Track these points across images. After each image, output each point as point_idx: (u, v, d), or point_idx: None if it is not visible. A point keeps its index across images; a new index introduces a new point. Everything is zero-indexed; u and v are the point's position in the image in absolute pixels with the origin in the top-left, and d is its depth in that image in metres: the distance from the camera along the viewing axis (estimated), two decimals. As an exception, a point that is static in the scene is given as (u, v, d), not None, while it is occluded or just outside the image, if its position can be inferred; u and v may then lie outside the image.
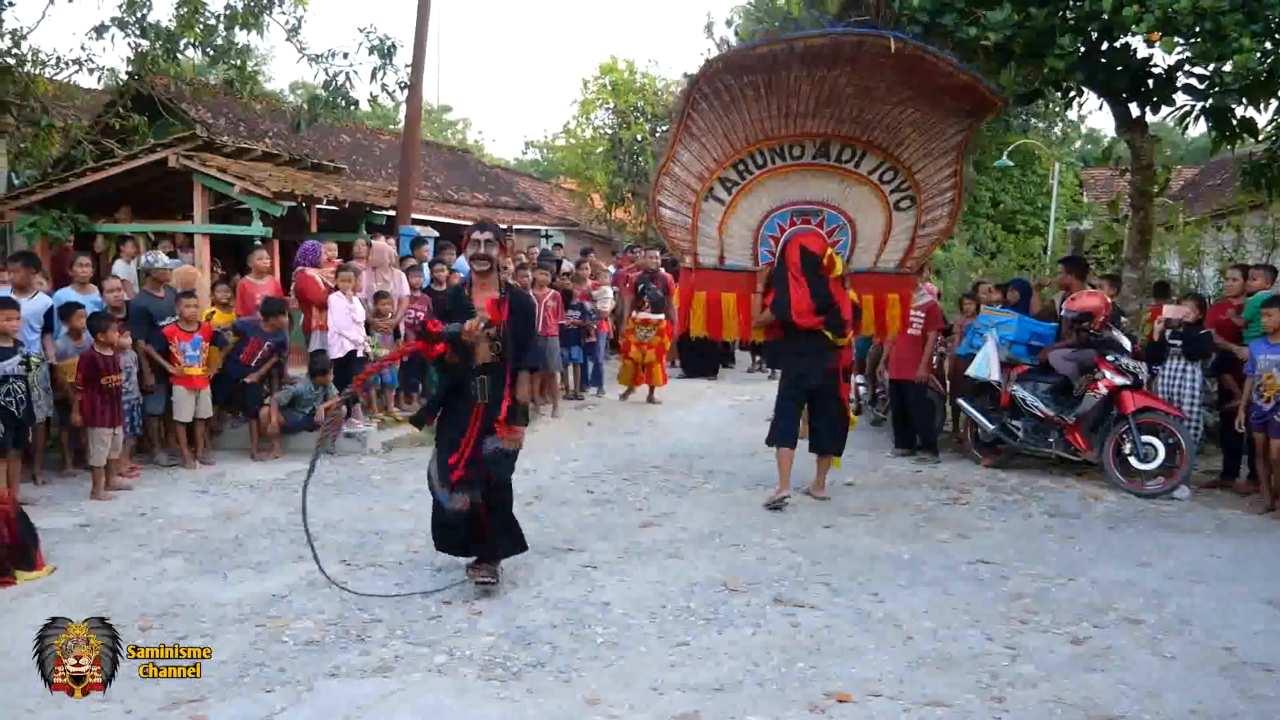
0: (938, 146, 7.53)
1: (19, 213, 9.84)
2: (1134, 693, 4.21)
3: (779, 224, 7.63)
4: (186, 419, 8.34)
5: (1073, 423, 8.14)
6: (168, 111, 13.93)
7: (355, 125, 21.19)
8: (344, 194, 11.47)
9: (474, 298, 5.38)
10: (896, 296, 8.05)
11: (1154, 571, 5.83)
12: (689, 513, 7.05)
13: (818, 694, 4.17)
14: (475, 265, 5.41)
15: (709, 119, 7.17)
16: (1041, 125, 27.38)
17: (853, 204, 7.68)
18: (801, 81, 6.95)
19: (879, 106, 7.22)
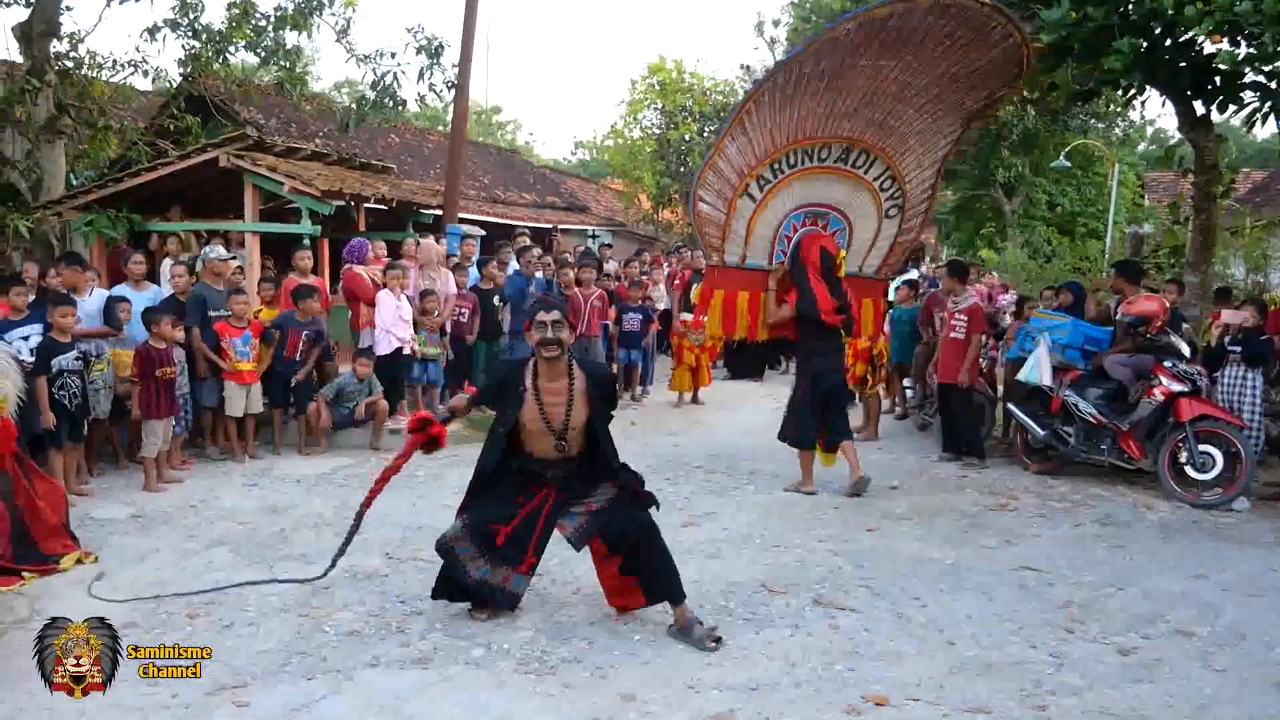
0: (928, 158, 7.91)
1: (77, 212, 10.05)
2: (1183, 705, 4.11)
3: (793, 224, 7.77)
4: (238, 414, 8.46)
5: (1126, 430, 7.95)
6: (220, 112, 14.21)
7: (404, 125, 21.44)
8: (392, 193, 11.56)
9: (539, 382, 4.72)
10: (871, 301, 8.38)
11: (1208, 584, 5.69)
12: (731, 514, 7.01)
13: (855, 697, 4.13)
14: (544, 352, 4.66)
15: (765, 112, 7.23)
16: (1101, 125, 26.87)
17: (855, 209, 7.95)
18: (861, 74, 7.13)
19: (904, 109, 7.49)
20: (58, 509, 5.93)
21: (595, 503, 4.78)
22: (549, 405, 4.68)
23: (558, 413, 4.68)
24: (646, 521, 4.75)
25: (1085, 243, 22.89)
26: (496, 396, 4.89)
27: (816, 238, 7.65)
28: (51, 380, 6.88)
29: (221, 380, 8.38)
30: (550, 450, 4.76)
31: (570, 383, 4.71)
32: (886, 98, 7.38)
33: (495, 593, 4.82)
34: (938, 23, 6.88)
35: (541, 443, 4.75)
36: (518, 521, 4.77)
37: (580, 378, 4.75)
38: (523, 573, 4.84)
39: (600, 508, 4.76)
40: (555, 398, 4.69)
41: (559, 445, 4.73)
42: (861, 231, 8.05)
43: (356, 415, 8.97)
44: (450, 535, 4.82)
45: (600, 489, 4.82)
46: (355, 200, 10.94)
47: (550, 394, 4.69)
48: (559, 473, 4.82)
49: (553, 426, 4.69)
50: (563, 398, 4.69)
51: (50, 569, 5.58)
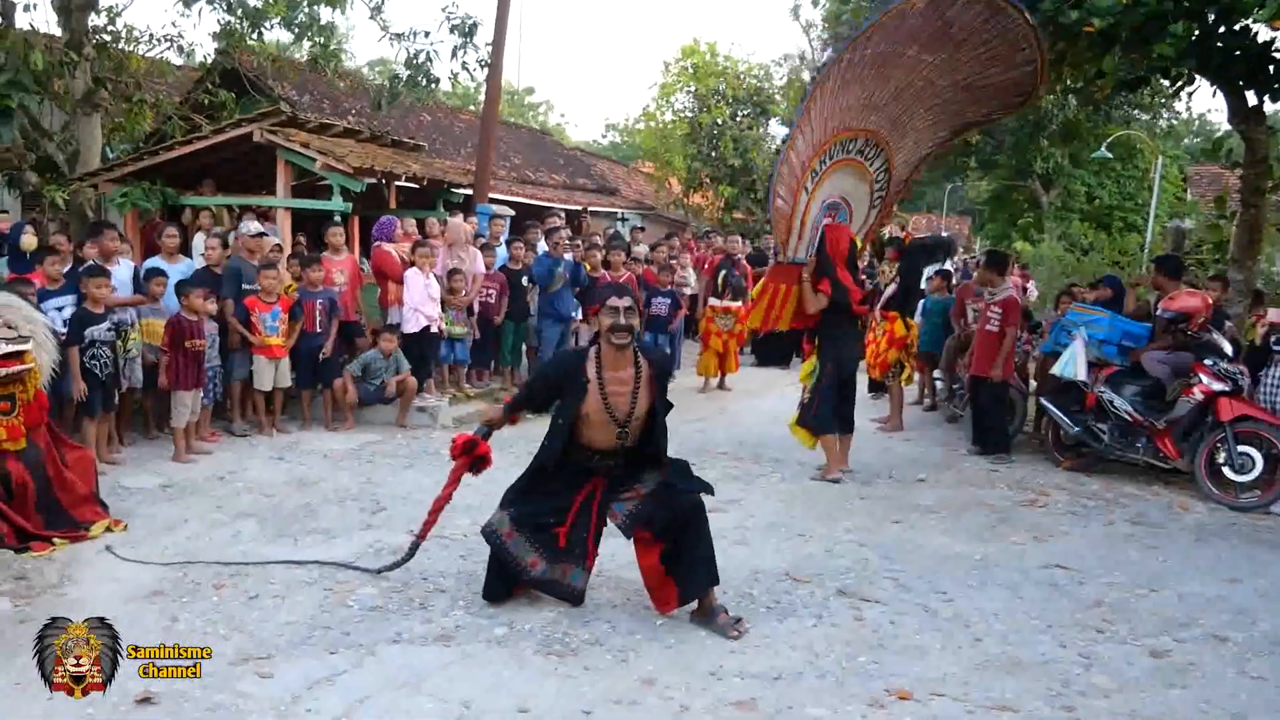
0: (914, 156, 8.04)
1: (112, 185, 10.12)
2: (1217, 712, 4.02)
3: (822, 216, 7.74)
4: (267, 387, 8.50)
5: (1163, 428, 7.79)
6: (254, 88, 14.25)
7: (436, 104, 21.43)
8: (423, 171, 11.55)
9: (604, 372, 4.60)
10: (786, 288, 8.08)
11: (1244, 588, 5.56)
12: (756, 501, 6.96)
13: (879, 690, 4.08)
14: (614, 339, 4.53)
15: (826, 99, 7.18)
16: (1145, 117, 26.41)
17: (856, 199, 7.97)
18: (903, 66, 7.19)
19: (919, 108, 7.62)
20: (88, 478, 5.98)
21: (644, 487, 4.70)
22: (613, 395, 4.55)
23: (622, 402, 4.56)
24: (697, 502, 4.66)
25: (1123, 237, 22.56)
26: (555, 390, 4.73)
27: (839, 229, 7.66)
28: (83, 350, 6.93)
29: (250, 354, 8.41)
30: (610, 440, 4.64)
31: (636, 371, 4.60)
32: (911, 94, 7.46)
33: (556, 588, 4.76)
34: (984, 26, 7.00)
35: (601, 433, 4.62)
36: (573, 518, 4.69)
37: (645, 366, 4.64)
38: (587, 568, 4.78)
39: (650, 491, 4.68)
40: (620, 387, 4.57)
41: (621, 435, 4.62)
42: (856, 221, 8.06)
43: (387, 393, 8.98)
44: (501, 530, 4.74)
45: (647, 474, 4.74)
46: (386, 178, 10.94)
47: (615, 383, 4.57)
48: (610, 463, 4.72)
49: (616, 417, 4.57)
50: (628, 387, 4.57)
51: (80, 536, 5.64)
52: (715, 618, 4.61)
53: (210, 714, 3.68)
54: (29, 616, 4.50)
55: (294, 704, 3.79)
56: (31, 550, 5.37)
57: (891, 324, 9.78)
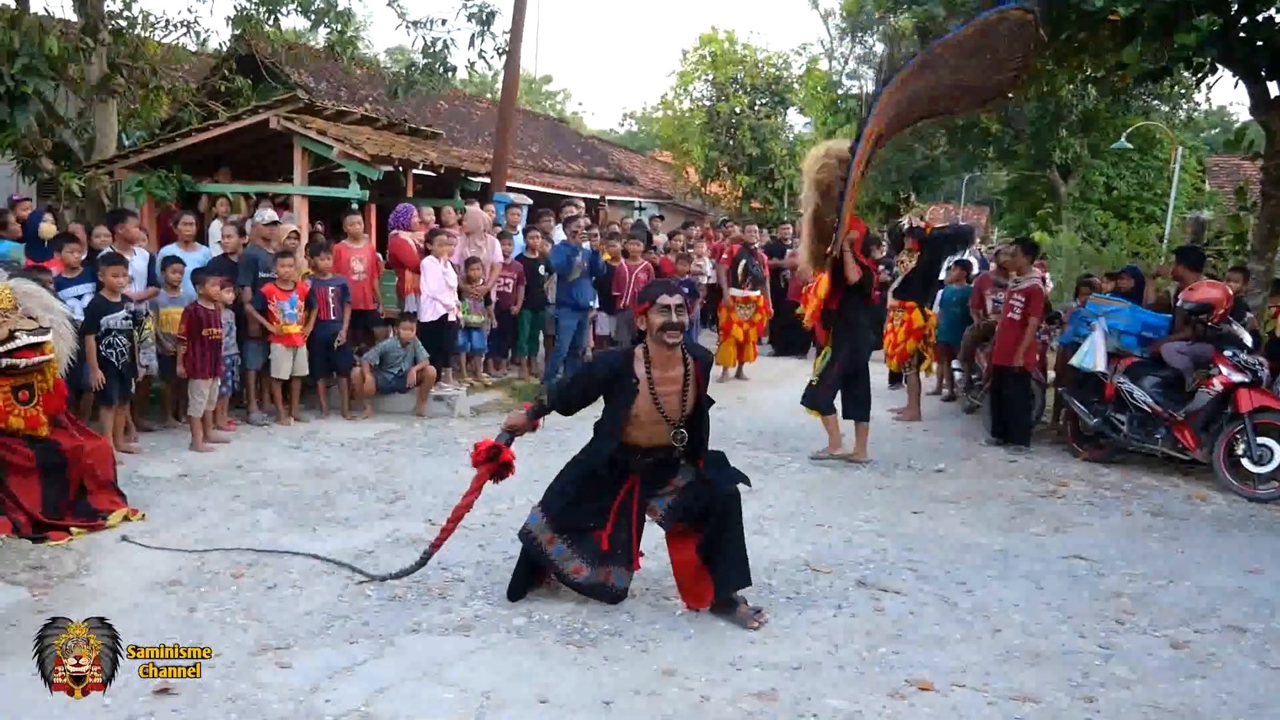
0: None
1: (128, 171, 10.13)
2: (1236, 703, 4.01)
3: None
4: (285, 376, 8.51)
5: (1182, 419, 7.75)
6: (270, 75, 14.23)
7: (453, 92, 21.39)
8: (440, 159, 11.54)
9: (653, 371, 4.54)
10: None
11: (1265, 580, 5.54)
12: (775, 491, 6.95)
13: (899, 681, 4.07)
14: (666, 337, 4.45)
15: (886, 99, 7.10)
16: (1164, 108, 26.20)
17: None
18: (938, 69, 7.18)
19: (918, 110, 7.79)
20: (106, 467, 5.99)
21: (681, 479, 4.68)
22: (663, 395, 4.50)
23: (673, 401, 4.52)
24: (734, 494, 4.65)
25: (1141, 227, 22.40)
26: (601, 391, 4.63)
27: (856, 218, 7.73)
28: (100, 339, 6.96)
29: (268, 343, 8.43)
30: (661, 439, 4.58)
31: (685, 370, 4.56)
32: (925, 98, 7.53)
33: (600, 591, 4.70)
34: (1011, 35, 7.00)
35: (650, 432, 4.56)
36: (614, 520, 4.64)
37: (692, 363, 4.60)
38: (631, 569, 4.76)
39: (687, 483, 4.66)
40: (670, 387, 4.52)
41: (677, 435, 4.58)
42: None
43: (409, 382, 8.99)
44: (541, 538, 4.68)
45: (684, 466, 4.73)
46: (404, 166, 10.93)
47: (665, 383, 4.52)
48: (651, 460, 4.66)
49: (668, 417, 4.53)
50: (677, 386, 4.53)
51: (98, 525, 5.65)
52: (736, 609, 4.60)
53: (229, 704, 3.69)
54: (47, 607, 4.51)
55: (313, 694, 3.79)
56: (49, 539, 5.38)
57: (909, 314, 9.75)
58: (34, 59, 9.45)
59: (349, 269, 9.17)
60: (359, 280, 9.21)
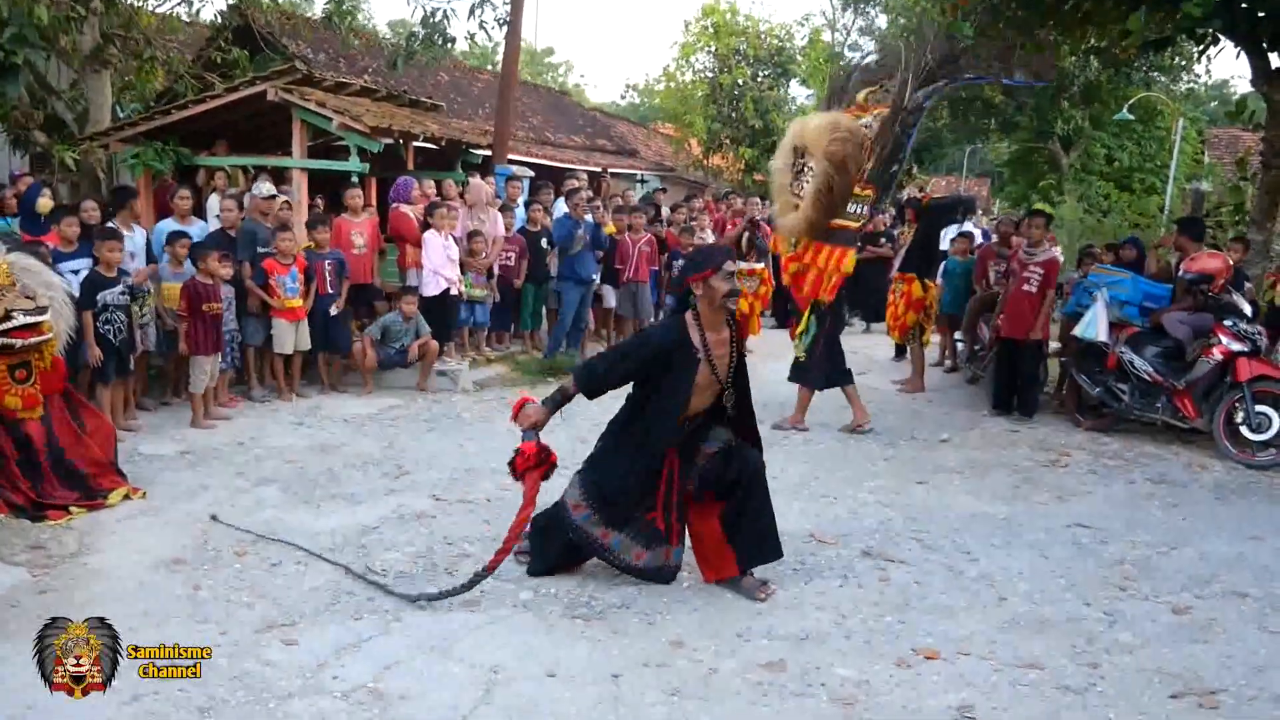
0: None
1: (123, 144, 10.03)
2: (1238, 667, 4.04)
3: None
4: (288, 350, 8.47)
5: (1183, 388, 7.77)
6: (268, 46, 14.08)
7: (454, 64, 21.24)
8: (441, 132, 11.45)
9: (708, 339, 4.48)
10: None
11: (1265, 546, 5.57)
12: (780, 464, 6.92)
13: (906, 649, 4.09)
14: (729, 304, 4.45)
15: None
16: (1164, 79, 26.10)
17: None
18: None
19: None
20: (106, 445, 5.98)
21: (710, 447, 4.65)
22: (718, 358, 4.48)
23: (724, 363, 4.51)
24: (760, 465, 4.66)
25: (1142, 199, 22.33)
26: (660, 367, 4.47)
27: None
28: (97, 315, 6.89)
29: (268, 318, 8.40)
30: (709, 403, 4.56)
31: (731, 330, 4.55)
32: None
33: (661, 572, 4.64)
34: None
35: (701, 398, 4.53)
36: (662, 500, 4.57)
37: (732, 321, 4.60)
38: (684, 544, 4.72)
39: (716, 450, 4.64)
40: (721, 349, 4.51)
41: (726, 395, 4.57)
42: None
43: (410, 357, 8.98)
44: (595, 533, 4.59)
45: (713, 432, 4.68)
46: (404, 138, 10.85)
47: (717, 345, 4.50)
48: (692, 427, 4.60)
49: (720, 378, 4.51)
50: (727, 347, 4.52)
51: (98, 504, 5.63)
52: (742, 580, 4.61)
53: (236, 682, 3.69)
54: (49, 586, 4.52)
55: (320, 670, 3.80)
56: (48, 519, 5.36)
57: (909, 286, 9.73)
58: (24, 28, 9.24)
59: (349, 243, 9.12)
60: (359, 254, 9.16)
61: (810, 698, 3.68)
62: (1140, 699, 3.74)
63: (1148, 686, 3.85)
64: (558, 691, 3.68)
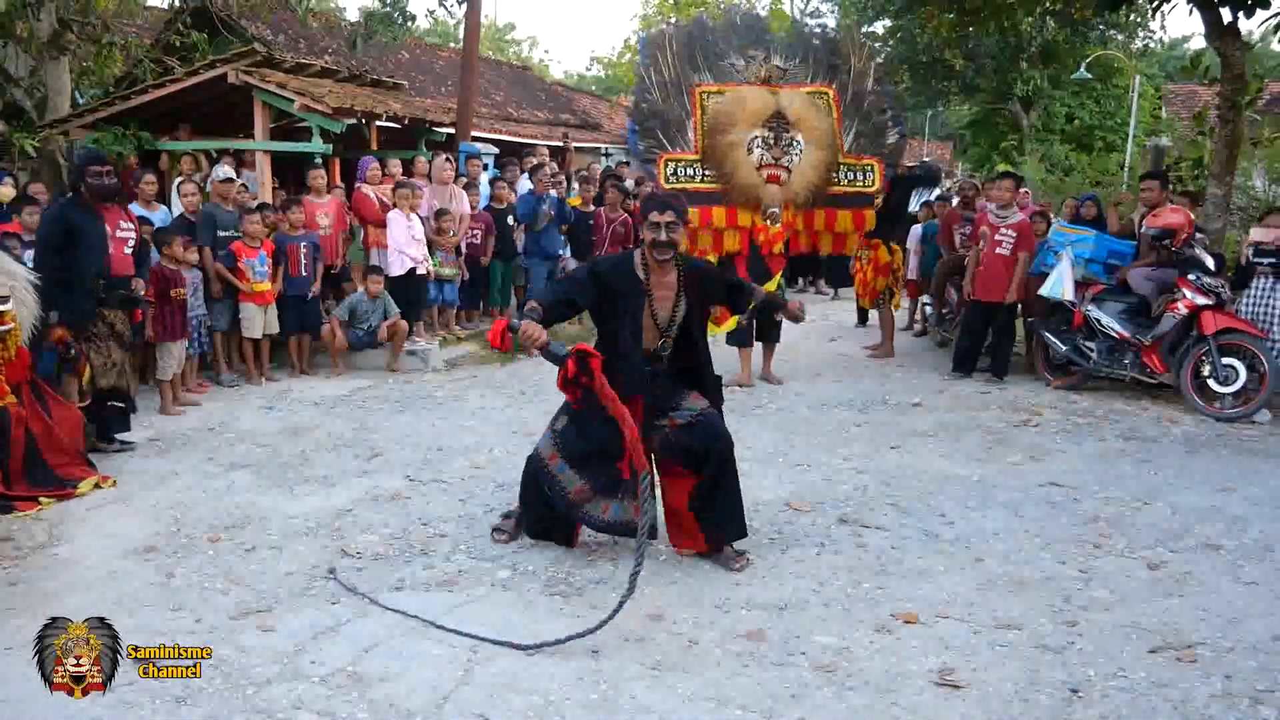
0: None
1: (84, 131, 9.87)
2: (1214, 619, 4.09)
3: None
4: (257, 334, 8.39)
5: (1149, 344, 7.85)
6: (227, 29, 13.89)
7: (414, 42, 20.99)
8: (404, 110, 11.34)
9: (650, 277, 4.51)
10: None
11: (1235, 497, 5.65)
12: (753, 432, 6.96)
13: (885, 615, 4.11)
14: (657, 255, 4.44)
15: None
16: (1120, 37, 26.26)
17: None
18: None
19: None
20: (75, 435, 5.89)
21: (679, 418, 4.60)
22: (659, 299, 4.50)
23: (665, 309, 4.52)
24: (729, 441, 4.62)
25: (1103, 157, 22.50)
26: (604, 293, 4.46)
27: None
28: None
29: (236, 302, 8.29)
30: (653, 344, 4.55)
31: (678, 278, 4.54)
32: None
33: (628, 526, 4.45)
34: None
35: (650, 338, 4.54)
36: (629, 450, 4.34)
37: (684, 275, 4.57)
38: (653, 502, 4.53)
39: (685, 423, 4.59)
40: (664, 291, 4.52)
41: (662, 345, 4.55)
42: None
43: (380, 336, 8.90)
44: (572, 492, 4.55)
45: (685, 402, 4.64)
46: (367, 118, 10.74)
47: (660, 288, 4.51)
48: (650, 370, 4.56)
49: (659, 323, 4.52)
50: (671, 291, 4.53)
51: (68, 494, 5.55)
52: (719, 551, 4.61)
53: (213, 670, 3.63)
54: (18, 578, 4.45)
55: (297, 655, 3.76)
56: (16, 510, 5.28)
57: (875, 251, 9.76)
58: (-21, 16, 9.16)
59: (314, 224, 9.02)
60: (325, 235, 9.07)
61: (791, 666, 3.68)
62: (1119, 655, 3.77)
63: (1126, 642, 3.88)
64: (538, 668, 3.67)
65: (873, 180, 8.46)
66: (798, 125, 8.05)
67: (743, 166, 8.03)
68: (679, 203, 4.58)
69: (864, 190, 8.45)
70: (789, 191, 8.08)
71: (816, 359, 9.77)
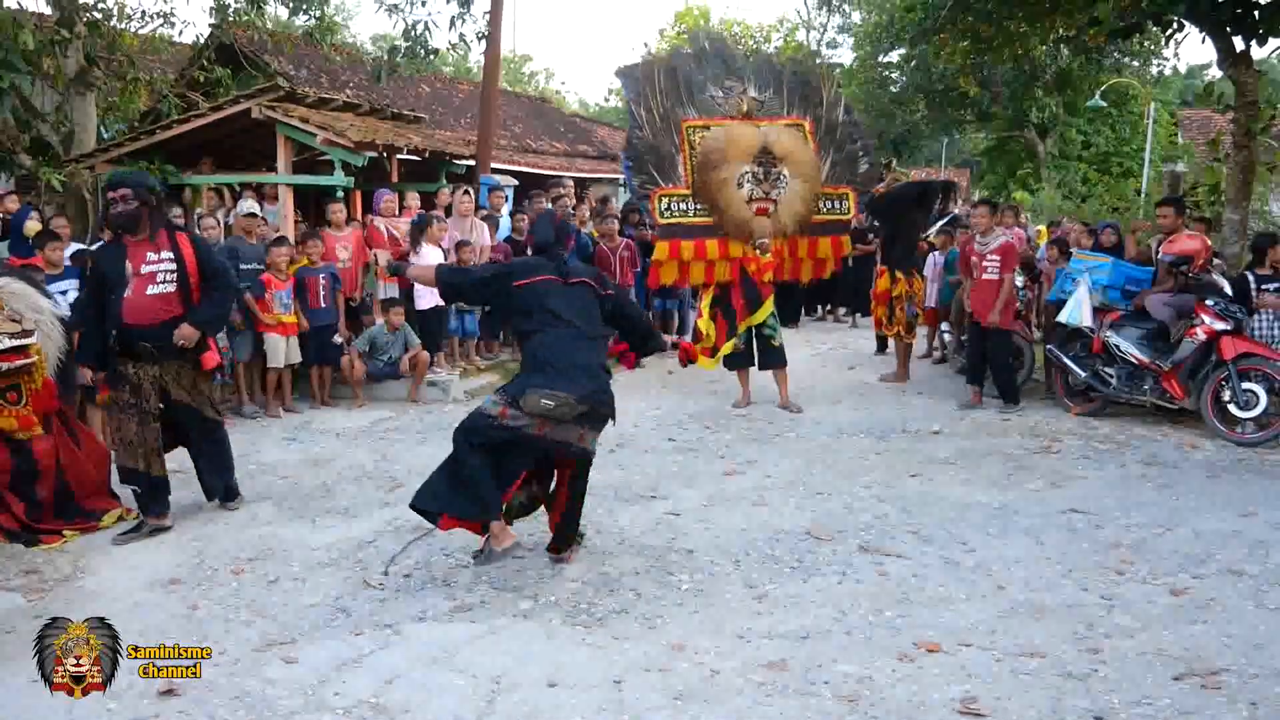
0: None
1: (110, 165, 10.02)
2: (1239, 645, 4.06)
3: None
4: (280, 363, 8.46)
5: (1169, 369, 7.83)
6: (250, 64, 14.10)
7: (434, 75, 21.22)
8: (424, 143, 11.46)
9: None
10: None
11: (1258, 522, 5.61)
12: (774, 460, 6.97)
13: (907, 643, 4.10)
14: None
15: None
16: (1136, 64, 26.31)
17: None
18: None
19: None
20: (100, 466, 5.95)
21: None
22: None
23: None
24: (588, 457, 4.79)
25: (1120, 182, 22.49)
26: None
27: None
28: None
29: (258, 333, 8.38)
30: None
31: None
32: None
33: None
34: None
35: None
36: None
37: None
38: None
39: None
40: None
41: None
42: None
43: (401, 369, 8.96)
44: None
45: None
46: (388, 151, 10.85)
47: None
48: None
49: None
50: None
51: (92, 526, 5.61)
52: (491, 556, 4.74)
53: (236, 702, 3.67)
54: (44, 611, 4.47)
55: (322, 687, 3.78)
56: (41, 543, 5.34)
57: (879, 279, 9.89)
58: (9, 53, 9.31)
59: (334, 256, 9.11)
60: (344, 268, 9.15)
61: (814, 696, 3.68)
62: (1143, 682, 3.75)
63: (1150, 669, 3.86)
64: (561, 699, 3.68)
65: (848, 208, 9.00)
66: (785, 160, 8.38)
67: (734, 201, 8.33)
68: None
69: (841, 218, 8.98)
70: (777, 223, 8.44)
71: (835, 387, 9.76)
